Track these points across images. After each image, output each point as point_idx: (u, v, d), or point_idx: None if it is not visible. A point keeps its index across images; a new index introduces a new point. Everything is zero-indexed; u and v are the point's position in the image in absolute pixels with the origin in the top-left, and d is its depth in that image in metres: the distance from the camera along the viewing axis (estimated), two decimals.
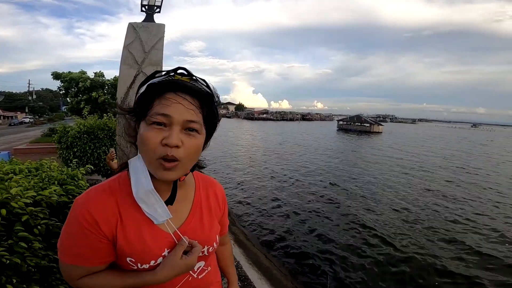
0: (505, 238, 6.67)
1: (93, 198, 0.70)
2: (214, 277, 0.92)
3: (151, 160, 0.66)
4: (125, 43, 2.41)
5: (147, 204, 0.70)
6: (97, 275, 0.73)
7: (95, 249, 0.69)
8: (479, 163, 19.14)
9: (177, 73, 0.67)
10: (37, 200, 1.46)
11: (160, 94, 0.64)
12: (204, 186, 0.89)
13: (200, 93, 0.67)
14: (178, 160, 0.65)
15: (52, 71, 15.12)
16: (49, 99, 56.96)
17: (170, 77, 0.66)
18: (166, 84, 0.65)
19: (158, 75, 0.68)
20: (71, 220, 0.69)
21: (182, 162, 0.66)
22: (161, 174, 0.66)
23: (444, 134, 58.37)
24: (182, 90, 0.65)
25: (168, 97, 0.64)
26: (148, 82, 0.67)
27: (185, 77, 0.67)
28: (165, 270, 0.71)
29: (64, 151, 5.92)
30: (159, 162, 0.65)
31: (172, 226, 0.75)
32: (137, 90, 0.71)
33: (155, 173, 0.67)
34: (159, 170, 0.66)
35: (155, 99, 0.65)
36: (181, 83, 0.65)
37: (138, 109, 0.67)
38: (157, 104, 0.64)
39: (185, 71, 0.68)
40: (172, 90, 0.64)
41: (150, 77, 0.68)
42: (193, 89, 0.66)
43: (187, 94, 0.65)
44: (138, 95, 0.68)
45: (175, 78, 0.66)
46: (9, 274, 1.27)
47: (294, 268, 5.09)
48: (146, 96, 0.66)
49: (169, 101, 0.64)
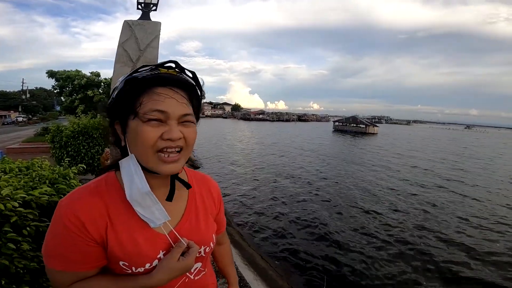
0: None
1: (79, 199, 0.66)
2: (210, 278, 0.90)
3: (149, 155, 0.63)
4: (120, 41, 2.36)
5: (143, 207, 0.66)
6: (88, 280, 0.68)
7: (84, 253, 0.64)
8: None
9: (163, 67, 0.65)
10: (26, 201, 1.42)
11: (148, 88, 0.62)
12: (198, 183, 0.86)
13: (188, 86, 0.67)
14: (181, 150, 0.65)
15: (47, 70, 14.98)
16: (43, 98, 56.29)
17: (155, 71, 0.64)
18: (154, 79, 0.63)
19: (141, 70, 0.65)
20: (56, 223, 0.64)
21: (184, 151, 0.66)
22: (163, 168, 0.64)
23: (440, 135, 58.89)
24: (171, 84, 0.64)
25: (159, 92, 0.62)
26: (128, 77, 0.64)
27: (171, 70, 0.66)
28: (162, 273, 0.67)
29: (57, 151, 5.84)
30: (159, 156, 0.63)
31: (169, 226, 0.72)
32: (115, 86, 0.67)
33: (156, 168, 0.64)
34: (161, 164, 0.64)
35: (142, 95, 0.62)
36: (170, 76, 0.64)
37: (121, 106, 0.64)
38: (147, 100, 0.62)
39: (173, 64, 0.66)
40: (161, 85, 0.63)
41: (133, 73, 0.65)
42: (182, 82, 0.65)
43: (177, 88, 0.64)
44: (118, 91, 0.65)
45: (161, 72, 0.64)
46: None
47: (289, 269, 5.08)
48: (130, 92, 0.63)
49: (160, 96, 0.62)
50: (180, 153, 0.65)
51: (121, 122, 0.66)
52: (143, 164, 0.65)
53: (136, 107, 0.62)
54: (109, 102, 0.68)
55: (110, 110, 0.68)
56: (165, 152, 0.63)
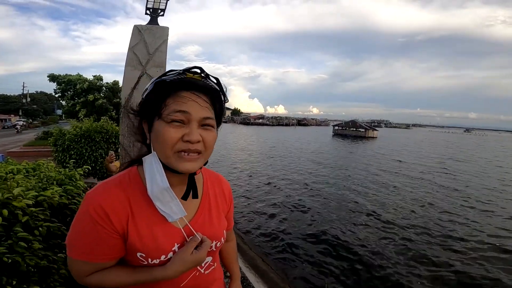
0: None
1: (104, 192, 0.70)
2: (218, 273, 0.93)
3: (170, 155, 0.67)
4: (130, 45, 2.43)
5: (162, 202, 0.70)
6: (106, 271, 0.72)
7: (106, 245, 0.68)
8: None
9: (189, 71, 0.69)
10: (38, 201, 1.45)
11: (174, 92, 0.66)
12: (212, 181, 0.90)
13: (211, 91, 0.70)
14: (200, 153, 0.68)
15: (48, 73, 15.00)
16: (43, 102, 56.45)
17: (182, 75, 0.68)
18: (179, 83, 0.67)
19: (169, 73, 0.69)
20: (82, 214, 0.68)
21: (202, 154, 0.69)
22: (182, 166, 0.67)
23: (439, 139, 58.96)
24: (195, 89, 0.67)
25: (183, 95, 0.66)
26: (157, 79, 0.68)
27: (197, 75, 0.69)
28: (176, 265, 0.71)
29: (60, 154, 5.87)
30: (178, 155, 0.67)
31: (184, 220, 0.76)
32: (146, 88, 0.72)
33: (175, 165, 0.67)
34: (180, 162, 0.67)
35: (167, 98, 0.66)
36: (194, 81, 0.67)
37: (149, 107, 0.69)
38: (172, 102, 0.66)
39: (198, 70, 0.70)
40: (186, 89, 0.67)
41: (161, 76, 0.69)
42: (205, 88, 0.69)
43: (201, 92, 0.68)
44: (147, 92, 0.69)
45: (187, 77, 0.68)
46: (9, 275, 1.26)
47: (291, 271, 5.07)
48: (158, 93, 0.67)
49: (184, 98, 0.66)
50: (198, 155, 0.69)
51: (148, 121, 0.71)
52: (164, 162, 0.69)
53: (161, 108, 0.66)
54: (139, 103, 0.73)
55: (140, 110, 0.72)
56: (185, 152, 0.66)
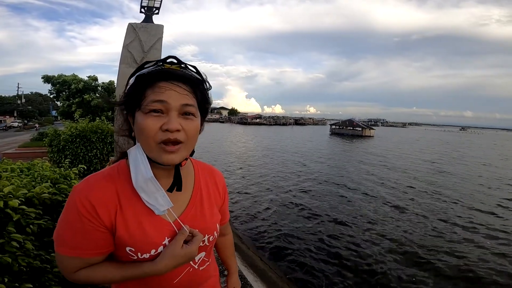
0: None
1: (92, 184, 0.68)
2: (213, 269, 0.91)
3: (152, 146, 0.66)
4: (125, 43, 2.42)
5: (147, 193, 0.68)
6: (95, 267, 0.70)
7: (93, 239, 0.66)
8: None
9: (166, 62, 0.69)
10: (28, 198, 1.43)
11: (152, 83, 0.65)
12: (204, 173, 0.88)
13: (191, 80, 0.69)
14: (181, 143, 0.66)
15: (43, 74, 14.86)
16: (38, 103, 56.01)
17: (159, 66, 0.67)
18: (156, 74, 0.66)
19: (147, 66, 0.69)
20: (69, 207, 0.67)
21: (184, 144, 0.68)
22: (164, 158, 0.66)
23: (435, 137, 59.39)
24: (173, 78, 0.66)
25: (161, 85, 0.65)
26: (138, 73, 0.68)
27: (175, 65, 0.69)
28: (166, 260, 0.69)
29: (55, 154, 5.82)
30: (160, 147, 0.65)
31: (173, 214, 0.74)
32: (127, 81, 0.71)
33: (157, 158, 0.66)
34: (162, 154, 0.66)
35: (147, 89, 0.65)
36: (172, 71, 0.66)
37: (130, 100, 0.68)
38: (150, 93, 0.65)
39: (175, 60, 0.69)
40: (164, 79, 0.66)
41: (139, 68, 0.69)
42: (184, 77, 0.68)
43: (179, 81, 0.67)
44: (128, 87, 0.69)
45: (165, 67, 0.67)
46: (1, 273, 1.23)
47: (289, 270, 5.07)
48: (137, 86, 0.67)
49: (162, 88, 0.65)
50: (179, 145, 0.67)
51: (132, 114, 0.70)
52: (147, 154, 0.68)
53: (141, 100, 0.66)
54: (121, 96, 0.72)
55: (124, 104, 0.71)
56: (166, 144, 0.65)
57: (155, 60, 0.69)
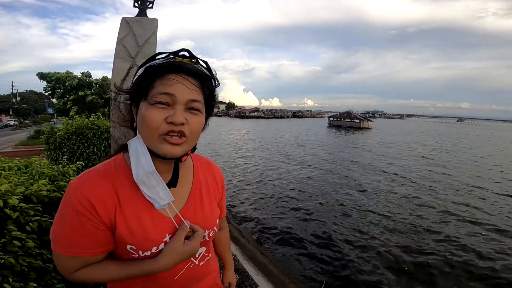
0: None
1: (88, 180, 0.66)
2: (213, 264, 0.91)
3: (154, 137, 0.64)
4: (119, 37, 2.40)
5: (148, 186, 0.67)
6: (95, 266, 0.68)
7: (92, 237, 0.64)
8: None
9: (178, 55, 0.67)
10: (27, 196, 1.41)
11: (161, 75, 0.64)
12: (203, 168, 0.87)
13: (201, 75, 0.68)
14: (185, 136, 0.65)
15: (37, 72, 14.72)
16: (34, 101, 55.47)
17: (171, 59, 0.66)
18: (167, 66, 0.65)
19: (158, 57, 0.67)
20: (65, 206, 0.64)
21: (187, 138, 0.66)
22: (166, 149, 0.64)
23: (432, 129, 59.58)
24: (183, 72, 0.65)
25: (169, 77, 0.64)
26: (148, 64, 0.67)
27: (186, 59, 0.68)
28: (167, 257, 0.68)
29: (52, 152, 5.78)
30: (162, 138, 0.64)
31: (174, 209, 0.72)
32: (136, 71, 0.70)
33: (158, 149, 0.65)
34: (164, 145, 0.64)
35: (155, 80, 0.64)
36: (182, 65, 0.65)
37: (137, 90, 0.67)
38: (159, 84, 0.64)
39: (187, 53, 0.68)
40: (174, 72, 0.64)
41: (150, 59, 0.68)
42: (194, 71, 0.66)
43: (189, 76, 0.65)
44: (137, 77, 0.68)
45: (177, 60, 0.66)
46: (5, 274, 1.23)
47: (290, 264, 5.10)
48: (146, 77, 0.65)
49: (171, 81, 0.63)
50: (183, 138, 0.66)
51: (136, 105, 0.69)
52: (148, 146, 0.66)
53: (148, 91, 0.64)
54: (130, 87, 0.70)
55: (130, 95, 0.70)
56: (168, 135, 0.64)
57: (167, 52, 0.68)
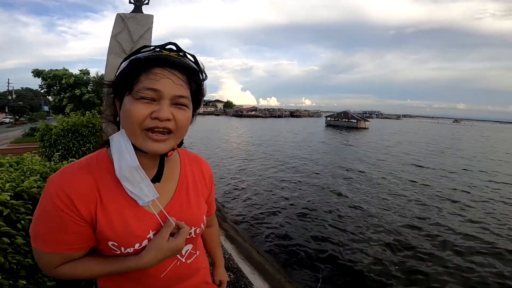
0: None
1: (68, 175, 0.64)
2: (202, 262, 0.89)
3: (137, 133, 0.62)
4: (113, 33, 2.38)
5: (131, 182, 0.65)
6: (76, 262, 0.67)
7: (72, 233, 0.63)
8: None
9: (165, 48, 0.66)
10: (18, 193, 1.39)
11: (147, 69, 0.62)
12: (190, 163, 0.86)
13: (188, 69, 0.66)
14: (171, 132, 0.64)
15: (33, 69, 14.57)
16: (29, 99, 54.96)
17: (157, 52, 0.64)
18: (153, 59, 0.63)
19: (144, 50, 0.65)
20: (44, 200, 0.63)
21: (173, 134, 0.65)
22: (150, 146, 0.63)
23: (429, 130, 59.91)
24: (170, 66, 0.63)
25: (155, 72, 0.62)
26: (133, 57, 0.64)
27: (173, 52, 0.66)
28: (151, 254, 0.66)
29: (47, 149, 5.73)
30: (146, 134, 0.62)
31: (158, 206, 0.71)
32: (120, 64, 0.67)
33: (143, 146, 0.63)
34: (148, 142, 0.63)
35: (141, 74, 0.62)
36: (169, 58, 0.63)
37: (121, 84, 0.64)
38: (144, 78, 0.62)
39: (174, 46, 0.67)
40: (160, 66, 0.62)
41: (135, 52, 0.66)
42: (181, 65, 0.65)
43: (176, 70, 0.64)
44: (121, 69, 0.65)
45: (163, 54, 0.64)
46: None
47: (286, 263, 5.11)
48: (131, 70, 0.63)
49: (157, 76, 0.61)
50: (169, 134, 0.64)
51: (120, 99, 0.66)
52: (132, 141, 0.64)
53: (133, 85, 0.62)
54: (113, 80, 0.68)
55: (113, 88, 0.68)
56: (153, 131, 0.62)
57: (154, 45, 0.66)
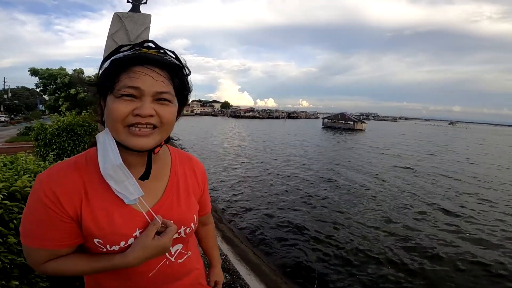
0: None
1: (56, 173, 0.65)
2: (196, 263, 0.88)
3: (119, 130, 0.62)
4: (110, 33, 2.36)
5: (116, 181, 0.65)
6: (63, 259, 0.68)
7: (59, 230, 0.64)
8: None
9: (143, 46, 0.66)
10: (11, 192, 1.37)
11: (127, 68, 0.62)
12: (182, 162, 0.85)
13: (169, 65, 0.66)
14: (156, 127, 0.64)
15: (30, 68, 14.45)
16: (25, 98, 54.50)
17: (136, 51, 0.64)
18: (132, 58, 0.63)
19: (122, 49, 0.65)
20: (32, 198, 0.64)
21: (158, 129, 0.65)
22: (133, 142, 0.63)
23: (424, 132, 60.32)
24: (150, 63, 0.63)
25: (135, 70, 0.62)
26: (113, 57, 0.64)
27: (152, 50, 0.66)
28: (136, 252, 0.66)
29: (42, 148, 5.68)
30: (129, 130, 0.62)
31: (145, 205, 0.70)
32: (100, 65, 0.67)
33: (126, 142, 0.63)
34: (131, 137, 0.63)
35: (121, 73, 0.62)
36: (149, 56, 0.63)
37: (103, 83, 0.64)
38: (125, 77, 0.62)
39: (152, 44, 0.67)
40: (140, 64, 0.62)
41: (114, 52, 0.65)
42: (161, 62, 0.65)
43: (155, 67, 0.64)
44: (102, 70, 0.65)
45: (142, 52, 0.64)
46: None
47: (282, 264, 5.09)
48: (111, 70, 0.63)
49: (137, 74, 0.61)
50: (153, 129, 0.64)
51: (104, 98, 0.66)
52: (116, 138, 0.64)
53: (114, 84, 0.62)
54: (95, 80, 0.68)
55: (97, 88, 0.68)
56: (135, 127, 0.62)
57: (131, 44, 0.66)
